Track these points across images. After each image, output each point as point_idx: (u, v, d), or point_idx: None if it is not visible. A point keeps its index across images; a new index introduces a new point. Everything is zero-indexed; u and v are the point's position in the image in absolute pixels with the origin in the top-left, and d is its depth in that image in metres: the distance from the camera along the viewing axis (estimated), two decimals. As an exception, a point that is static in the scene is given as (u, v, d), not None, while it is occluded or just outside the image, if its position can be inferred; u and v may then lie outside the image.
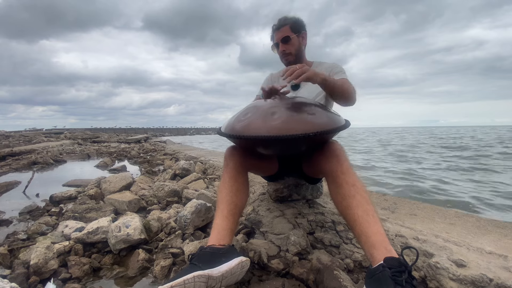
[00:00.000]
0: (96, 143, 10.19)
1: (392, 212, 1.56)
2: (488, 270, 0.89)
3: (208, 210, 1.47)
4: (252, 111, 0.99)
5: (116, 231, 1.24)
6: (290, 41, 1.39)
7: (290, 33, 1.38)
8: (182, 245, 1.26)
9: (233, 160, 1.08)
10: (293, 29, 1.39)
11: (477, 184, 4.32)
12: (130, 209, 1.78)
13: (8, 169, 3.82)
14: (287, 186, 1.48)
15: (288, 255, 1.12)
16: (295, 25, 1.39)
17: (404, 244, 1.11)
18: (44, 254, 1.08)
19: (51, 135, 15.31)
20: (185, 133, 66.67)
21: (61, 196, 2.09)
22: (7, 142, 8.19)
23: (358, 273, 1.05)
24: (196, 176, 2.61)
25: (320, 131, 0.88)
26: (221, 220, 0.96)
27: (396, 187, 4.23)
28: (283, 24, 1.39)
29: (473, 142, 14.32)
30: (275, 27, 1.41)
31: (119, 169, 3.85)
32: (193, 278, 0.73)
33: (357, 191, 0.88)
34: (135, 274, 1.11)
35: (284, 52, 1.41)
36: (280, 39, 1.39)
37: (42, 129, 33.85)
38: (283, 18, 1.41)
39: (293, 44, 1.40)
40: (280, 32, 1.40)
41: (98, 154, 6.09)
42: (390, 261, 0.72)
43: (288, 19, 1.40)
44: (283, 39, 1.38)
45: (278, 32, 1.40)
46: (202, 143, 15.56)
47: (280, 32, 1.40)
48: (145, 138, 13.18)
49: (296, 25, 1.40)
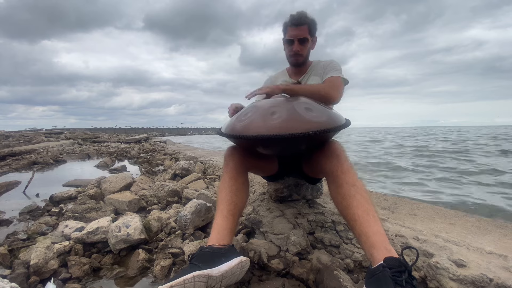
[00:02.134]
0: (96, 143, 10.19)
1: (392, 212, 1.56)
2: (488, 270, 0.89)
3: (208, 210, 1.47)
4: (252, 111, 0.99)
5: (116, 231, 1.24)
6: (306, 43, 1.34)
7: (308, 35, 1.32)
8: (182, 245, 1.26)
9: (233, 160, 1.07)
10: (310, 31, 1.33)
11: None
12: (130, 209, 1.78)
13: (8, 169, 3.82)
14: (287, 186, 1.48)
15: (288, 255, 1.12)
16: (312, 27, 1.33)
17: (404, 244, 1.11)
18: (44, 254, 1.08)
19: (51, 135, 15.31)
20: (185, 133, 66.65)
21: (61, 196, 2.09)
22: (7, 142, 8.19)
23: (358, 273, 1.05)
24: (196, 176, 2.61)
25: (320, 130, 0.88)
26: (221, 220, 0.96)
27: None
28: (303, 22, 1.30)
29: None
30: (293, 21, 1.30)
31: (119, 169, 3.85)
32: (193, 278, 0.73)
33: (357, 191, 0.88)
34: (135, 274, 1.11)
35: (298, 53, 1.35)
36: (298, 38, 1.31)
37: (42, 129, 33.85)
38: (303, 15, 1.30)
39: (306, 47, 1.35)
40: (298, 29, 1.30)
41: (98, 154, 6.10)
42: (390, 261, 0.72)
43: (307, 18, 1.31)
44: (301, 40, 1.32)
45: (295, 28, 1.31)
46: (203, 144, 15.27)
47: (298, 29, 1.30)
48: (145, 138, 13.19)
49: (313, 27, 1.33)
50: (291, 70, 1.50)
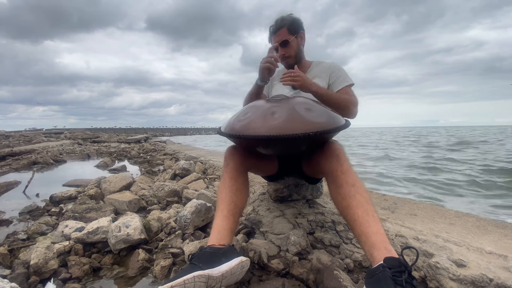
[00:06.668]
0: (96, 143, 10.19)
1: (392, 212, 1.56)
2: (488, 270, 0.89)
3: (208, 210, 1.47)
4: (252, 111, 0.99)
5: (116, 231, 1.24)
6: (289, 44, 1.35)
7: (288, 36, 1.33)
8: (182, 245, 1.26)
9: (233, 160, 1.07)
10: (291, 31, 1.34)
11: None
12: (130, 209, 1.78)
13: (8, 169, 3.82)
14: (287, 186, 1.48)
15: (288, 255, 1.12)
16: (292, 26, 1.34)
17: (404, 244, 1.11)
18: (44, 254, 1.08)
19: (51, 135, 15.32)
20: (185, 133, 66.58)
21: (61, 196, 2.09)
22: (7, 142, 8.19)
23: (358, 273, 1.05)
24: (196, 176, 2.61)
25: (320, 131, 0.88)
26: (221, 220, 0.96)
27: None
28: (280, 26, 1.33)
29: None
30: (272, 30, 1.36)
31: (119, 169, 3.85)
32: (193, 278, 0.73)
33: (357, 191, 0.88)
34: (135, 274, 1.11)
35: (284, 56, 1.37)
36: (279, 43, 1.34)
37: (42, 129, 33.85)
38: (279, 20, 1.34)
39: (292, 47, 1.36)
40: (277, 36, 1.34)
41: (98, 154, 6.10)
42: (390, 261, 0.72)
43: (284, 20, 1.34)
44: (282, 43, 1.34)
45: (275, 35, 1.35)
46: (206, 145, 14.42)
47: (277, 36, 1.34)
48: (145, 138, 13.19)
49: (294, 26, 1.34)
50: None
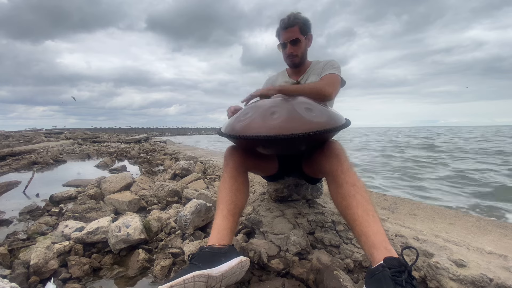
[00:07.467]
0: (96, 143, 10.18)
1: (392, 212, 1.56)
2: (488, 270, 0.89)
3: (208, 210, 1.47)
4: (252, 111, 0.99)
5: (116, 231, 1.24)
6: (300, 43, 1.34)
7: (300, 35, 1.32)
8: (182, 245, 1.26)
9: (233, 160, 1.07)
10: (302, 31, 1.32)
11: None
12: (130, 209, 1.78)
13: (8, 169, 3.81)
14: (287, 186, 1.48)
15: (288, 255, 1.12)
16: (304, 26, 1.33)
17: (404, 244, 1.11)
18: (44, 254, 1.08)
19: (51, 135, 15.31)
20: (185, 133, 66.57)
21: (61, 196, 2.09)
22: (7, 142, 8.19)
23: (358, 273, 1.05)
24: (196, 176, 2.61)
25: (320, 130, 0.88)
26: (221, 220, 0.96)
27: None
28: (292, 23, 1.30)
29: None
30: (283, 25, 1.32)
31: (119, 169, 3.85)
32: (193, 278, 0.73)
33: (357, 191, 0.88)
34: (135, 274, 1.11)
35: (292, 54, 1.36)
36: (289, 40, 1.32)
37: (42, 129, 33.85)
38: (292, 16, 1.31)
39: (300, 47, 1.35)
40: (288, 32, 1.32)
41: (98, 154, 6.09)
42: (390, 261, 0.72)
43: (297, 18, 1.31)
44: (293, 41, 1.32)
45: (286, 31, 1.32)
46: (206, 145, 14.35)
47: (288, 32, 1.32)
48: (145, 138, 13.18)
49: (305, 26, 1.33)
50: (291, 70, 1.50)
